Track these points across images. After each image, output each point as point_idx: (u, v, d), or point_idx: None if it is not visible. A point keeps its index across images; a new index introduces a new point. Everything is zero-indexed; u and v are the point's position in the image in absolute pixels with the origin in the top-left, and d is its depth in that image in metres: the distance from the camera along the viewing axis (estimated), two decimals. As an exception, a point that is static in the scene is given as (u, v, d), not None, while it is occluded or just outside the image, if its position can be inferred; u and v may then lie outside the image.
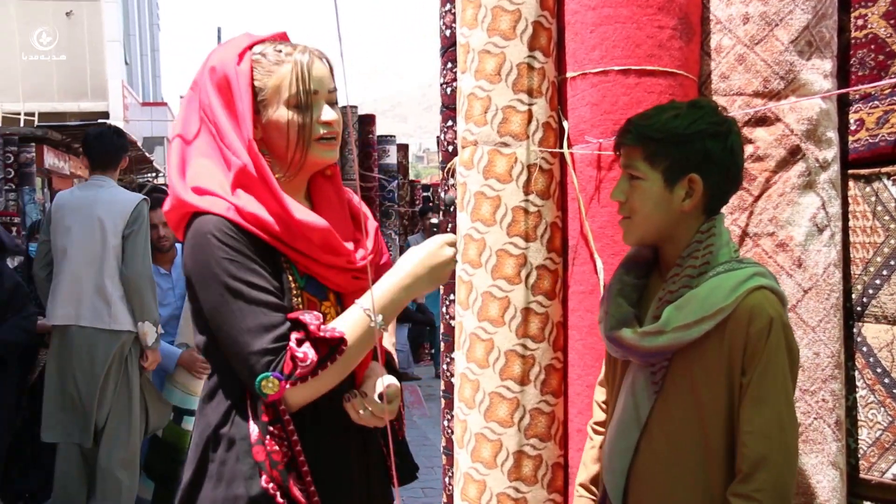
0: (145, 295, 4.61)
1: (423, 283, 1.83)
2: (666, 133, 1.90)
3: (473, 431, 2.65)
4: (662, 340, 1.89)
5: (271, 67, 1.84)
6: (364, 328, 1.76)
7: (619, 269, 2.09)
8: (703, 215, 1.96)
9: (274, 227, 1.77)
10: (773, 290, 1.90)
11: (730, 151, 1.94)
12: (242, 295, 1.71)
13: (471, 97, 2.69)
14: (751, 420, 1.83)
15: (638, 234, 1.99)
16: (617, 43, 2.58)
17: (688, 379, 1.91)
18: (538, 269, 2.63)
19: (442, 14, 3.13)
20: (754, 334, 1.83)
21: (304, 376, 1.70)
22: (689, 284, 1.91)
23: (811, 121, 2.64)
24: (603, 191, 2.59)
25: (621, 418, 2.02)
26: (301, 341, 1.71)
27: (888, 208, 2.62)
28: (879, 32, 2.70)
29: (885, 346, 2.63)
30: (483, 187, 2.65)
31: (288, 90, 1.83)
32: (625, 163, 1.98)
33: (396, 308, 1.82)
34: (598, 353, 2.59)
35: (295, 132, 1.83)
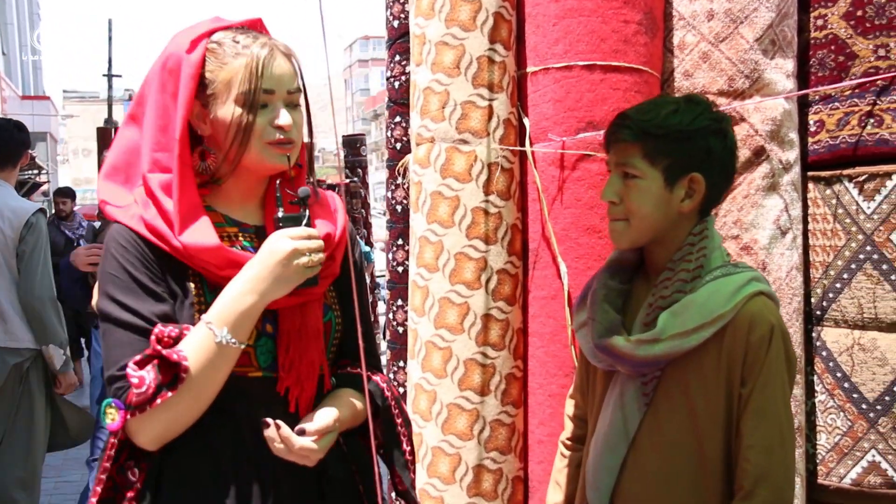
0: (46, 318, 4.18)
1: (270, 283, 1.59)
2: (668, 129, 1.78)
3: (430, 445, 2.51)
4: (659, 349, 1.78)
5: (226, 59, 1.66)
6: (210, 346, 1.56)
7: (602, 273, 1.97)
8: (696, 216, 1.86)
9: (170, 241, 1.62)
10: (770, 295, 1.82)
11: (730, 150, 1.84)
12: (112, 317, 1.60)
13: (427, 91, 2.55)
14: (752, 433, 1.74)
15: (633, 237, 1.86)
16: (581, 37, 2.47)
17: (682, 389, 1.80)
18: (499, 273, 2.51)
19: (389, 3, 2.98)
20: (755, 343, 1.74)
21: (140, 404, 1.52)
22: (683, 289, 1.81)
23: (775, 121, 2.58)
24: (566, 192, 2.48)
25: (608, 433, 1.89)
26: (144, 363, 1.54)
27: (849, 211, 2.58)
28: (839, 33, 2.66)
29: (845, 351, 2.60)
30: (440, 187, 2.51)
31: (238, 86, 1.64)
32: (618, 160, 1.84)
33: (246, 318, 1.59)
34: (561, 361, 2.49)
35: (238, 132, 1.65)
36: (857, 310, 2.57)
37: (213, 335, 1.56)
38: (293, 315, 1.69)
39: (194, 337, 1.57)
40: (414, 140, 2.62)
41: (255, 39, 1.68)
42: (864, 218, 2.54)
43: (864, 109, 2.59)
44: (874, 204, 2.53)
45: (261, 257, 1.60)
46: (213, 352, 1.56)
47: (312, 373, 1.71)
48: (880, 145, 2.57)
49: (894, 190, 2.49)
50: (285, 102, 1.69)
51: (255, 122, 1.65)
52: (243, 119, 1.64)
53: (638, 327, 1.85)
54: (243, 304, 1.58)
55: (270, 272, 1.59)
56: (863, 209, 2.55)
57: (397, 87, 2.97)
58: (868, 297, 2.54)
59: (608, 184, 1.85)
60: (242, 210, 1.74)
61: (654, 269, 1.90)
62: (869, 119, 2.59)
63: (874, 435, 2.52)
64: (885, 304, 2.51)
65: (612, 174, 1.86)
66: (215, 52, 1.67)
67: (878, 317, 2.52)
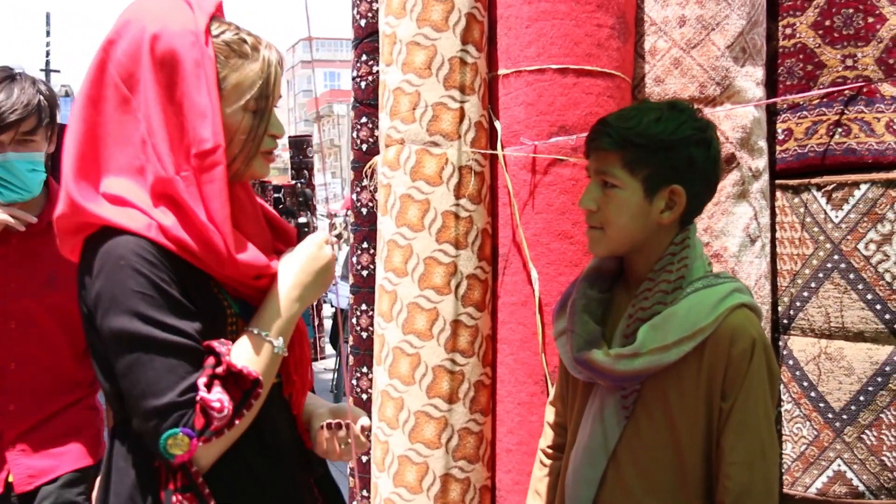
0: None
1: (311, 289, 1.59)
2: (649, 139, 1.72)
3: (396, 454, 2.45)
4: (639, 363, 1.73)
5: (235, 60, 1.54)
6: (270, 357, 1.52)
7: (581, 282, 1.92)
8: (677, 226, 1.81)
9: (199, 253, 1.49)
10: (752, 307, 1.78)
11: (713, 160, 1.79)
12: (153, 339, 1.42)
13: (397, 92, 2.49)
14: (733, 449, 1.70)
15: (609, 246, 1.81)
16: (554, 40, 2.44)
17: (662, 403, 1.77)
18: (469, 278, 2.46)
19: (356, 2, 2.91)
20: (736, 357, 1.71)
21: (220, 430, 1.43)
22: (664, 301, 1.76)
23: (745, 129, 2.58)
24: (538, 196, 2.45)
25: (587, 445, 1.85)
26: (210, 384, 1.44)
27: (817, 220, 2.59)
28: (808, 42, 2.67)
29: (812, 360, 2.60)
30: (410, 189, 2.46)
31: (250, 91, 1.54)
32: (598, 168, 1.79)
33: (292, 325, 1.58)
34: (530, 368, 2.45)
35: (248, 141, 1.56)
36: (824, 319, 2.57)
37: (271, 346, 1.52)
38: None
39: (252, 349, 1.50)
40: (383, 141, 2.56)
41: (258, 40, 1.59)
42: (831, 227, 2.55)
43: (833, 119, 2.60)
44: (842, 213, 2.53)
45: (302, 263, 1.59)
46: (272, 363, 1.53)
47: (306, 374, 1.71)
48: (848, 154, 2.58)
49: (862, 199, 2.49)
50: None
51: (266, 131, 1.58)
52: (256, 128, 1.56)
53: (618, 339, 1.80)
54: (291, 311, 1.57)
55: (314, 279, 1.59)
56: (831, 218, 2.55)
57: (364, 88, 2.91)
58: (835, 307, 2.54)
59: (587, 191, 1.80)
60: None
61: (634, 278, 1.86)
62: (837, 128, 2.60)
63: (840, 444, 2.53)
64: (851, 313, 2.52)
65: (591, 181, 1.81)
66: (221, 48, 1.54)
67: (845, 326, 2.53)
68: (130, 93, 1.50)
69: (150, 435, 1.42)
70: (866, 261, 2.48)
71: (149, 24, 1.50)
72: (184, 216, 1.47)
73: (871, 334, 2.49)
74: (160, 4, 1.53)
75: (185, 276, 1.48)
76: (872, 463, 2.47)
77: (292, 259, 1.59)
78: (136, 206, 1.47)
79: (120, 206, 1.48)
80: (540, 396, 2.44)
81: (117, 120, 1.51)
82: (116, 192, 1.49)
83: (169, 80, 1.48)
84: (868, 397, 2.48)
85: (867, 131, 2.56)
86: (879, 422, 2.46)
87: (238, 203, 1.61)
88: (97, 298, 1.45)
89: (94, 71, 1.53)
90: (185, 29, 1.49)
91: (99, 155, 1.52)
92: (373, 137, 2.87)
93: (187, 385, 1.42)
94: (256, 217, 1.68)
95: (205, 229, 1.46)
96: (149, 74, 1.48)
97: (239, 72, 1.54)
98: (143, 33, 1.49)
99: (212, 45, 1.51)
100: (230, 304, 1.56)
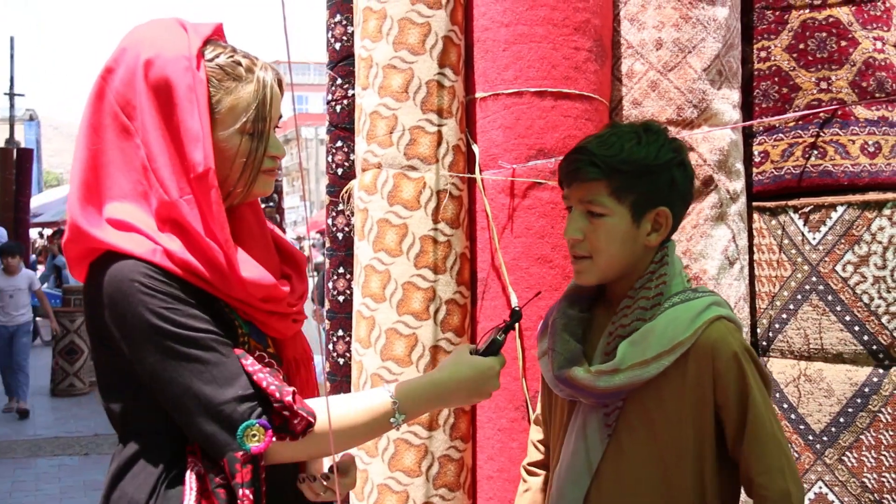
0: None
1: (459, 399, 1.66)
2: (634, 164, 1.72)
3: (376, 482, 2.41)
4: (619, 380, 1.72)
5: (229, 83, 1.53)
6: (383, 416, 1.53)
7: (561, 302, 1.91)
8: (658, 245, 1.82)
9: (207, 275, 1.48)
10: (730, 319, 1.78)
11: (690, 179, 1.81)
12: (196, 342, 1.42)
13: (374, 115, 2.47)
14: (760, 458, 1.70)
15: (600, 274, 1.80)
16: (532, 63, 2.43)
17: (644, 419, 1.76)
18: (447, 303, 2.43)
19: (330, 26, 2.89)
20: (722, 369, 1.71)
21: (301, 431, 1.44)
22: (643, 317, 1.76)
23: (722, 151, 2.58)
24: (516, 220, 2.43)
25: (571, 463, 1.83)
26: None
27: (795, 242, 2.59)
28: (783, 65, 2.68)
29: (792, 382, 2.60)
30: (388, 214, 2.43)
31: (246, 113, 1.53)
32: (582, 198, 1.77)
33: (420, 409, 1.62)
34: (511, 393, 2.42)
35: (247, 164, 1.54)
36: (803, 340, 2.57)
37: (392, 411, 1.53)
38: (295, 343, 1.68)
39: (375, 400, 1.53)
40: (360, 165, 2.53)
41: (252, 61, 1.57)
42: (809, 249, 2.55)
43: (808, 141, 2.62)
44: (819, 235, 2.54)
45: (473, 378, 1.63)
46: (380, 423, 1.54)
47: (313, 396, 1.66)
48: (824, 177, 2.60)
49: (839, 221, 2.50)
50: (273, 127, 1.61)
51: (265, 153, 1.55)
52: (254, 150, 1.54)
53: (599, 356, 1.79)
54: (430, 404, 1.65)
55: (469, 395, 1.64)
56: (808, 240, 2.56)
57: (339, 111, 2.88)
58: (814, 328, 2.54)
59: (571, 220, 1.79)
60: None
61: (614, 297, 1.85)
62: (813, 150, 2.61)
63: (821, 467, 2.52)
64: (830, 334, 2.52)
65: (574, 211, 1.80)
66: (215, 72, 1.53)
67: (825, 347, 2.53)
68: (129, 120, 1.50)
69: (225, 428, 1.41)
70: (844, 282, 2.49)
71: (143, 51, 1.50)
72: (188, 238, 1.47)
73: (850, 356, 2.49)
74: (155, 31, 1.54)
75: (193, 297, 1.47)
76: (853, 485, 2.47)
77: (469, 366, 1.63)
78: (141, 230, 1.47)
79: (124, 232, 1.47)
80: (520, 422, 2.41)
81: (119, 147, 1.50)
82: (121, 217, 1.48)
83: (164, 106, 1.48)
84: (848, 419, 2.48)
85: (842, 153, 2.57)
86: (860, 443, 2.46)
87: (246, 226, 1.64)
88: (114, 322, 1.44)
89: (93, 99, 1.53)
90: (179, 55, 1.49)
91: (102, 182, 1.51)
92: (348, 161, 2.85)
93: (245, 380, 1.43)
94: (265, 240, 1.68)
95: (209, 249, 1.46)
96: (145, 101, 1.48)
97: (233, 95, 1.53)
98: (137, 60, 1.49)
99: (204, 69, 1.50)
100: (240, 325, 1.55)
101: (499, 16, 2.46)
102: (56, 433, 8.00)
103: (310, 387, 1.68)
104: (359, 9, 2.56)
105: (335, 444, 1.49)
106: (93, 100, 1.53)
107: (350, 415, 1.50)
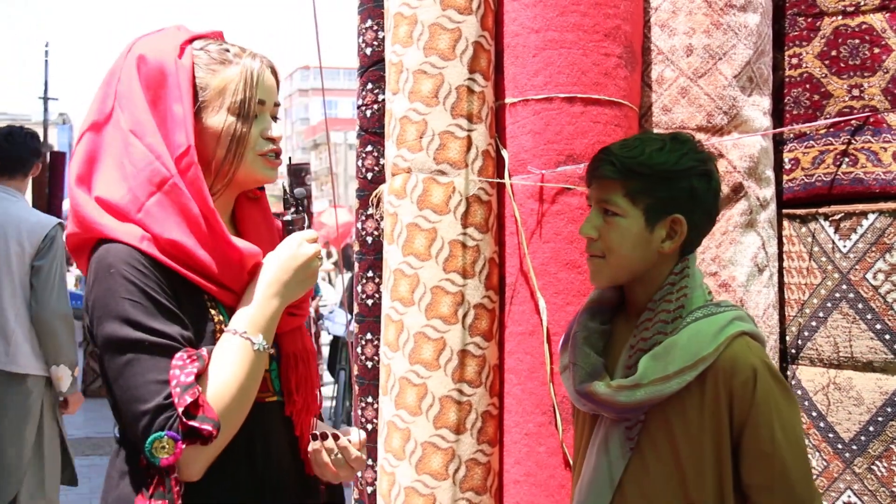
0: (60, 336, 3.97)
1: (291, 287, 1.59)
2: (652, 169, 1.73)
3: (403, 485, 2.42)
4: (640, 395, 1.72)
5: (215, 66, 1.61)
6: (250, 356, 1.51)
7: (582, 314, 1.91)
8: (677, 255, 1.81)
9: (196, 256, 1.52)
10: (753, 335, 1.77)
11: (714, 192, 1.80)
12: (142, 344, 1.45)
13: (404, 120, 2.48)
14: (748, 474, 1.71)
15: (610, 275, 1.81)
16: (562, 69, 2.44)
17: (666, 434, 1.75)
18: (476, 307, 2.44)
19: (361, 31, 2.91)
20: (738, 388, 1.69)
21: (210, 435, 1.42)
22: (664, 331, 1.76)
23: (752, 158, 2.58)
24: (545, 225, 2.44)
25: (593, 478, 1.83)
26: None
27: (825, 249, 2.58)
28: (815, 72, 2.67)
29: (821, 390, 2.59)
30: (417, 218, 2.45)
31: (233, 94, 1.60)
32: (599, 197, 1.79)
33: (273, 322, 1.58)
34: (538, 398, 2.43)
35: (232, 142, 1.60)
36: (832, 349, 2.56)
37: (250, 344, 1.51)
38: (294, 337, 1.68)
39: (231, 349, 1.50)
40: (389, 170, 2.55)
41: (242, 50, 1.65)
42: (839, 256, 2.54)
43: (840, 148, 2.60)
44: (850, 243, 2.53)
45: (281, 261, 1.59)
46: (253, 361, 1.52)
47: (312, 394, 1.70)
48: (855, 184, 2.58)
49: (870, 229, 2.49)
50: (272, 115, 1.68)
51: (249, 132, 1.61)
52: (238, 129, 1.60)
53: (620, 370, 1.79)
54: (270, 308, 1.56)
55: (294, 276, 1.59)
56: (839, 247, 2.54)
57: (369, 116, 2.90)
58: (844, 336, 2.53)
59: (588, 219, 1.80)
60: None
61: (634, 309, 1.85)
62: (844, 158, 2.60)
63: (850, 475, 2.50)
64: (860, 343, 2.50)
65: (592, 209, 1.81)
66: (203, 59, 1.61)
67: (854, 356, 2.51)
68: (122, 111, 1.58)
69: (139, 440, 1.42)
70: (875, 290, 2.47)
71: (139, 48, 1.61)
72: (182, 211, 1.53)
73: (881, 364, 2.47)
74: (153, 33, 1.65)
75: (176, 286, 1.52)
76: (883, 494, 2.45)
77: (272, 256, 1.61)
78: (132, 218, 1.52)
79: (117, 218, 1.53)
80: (548, 427, 2.41)
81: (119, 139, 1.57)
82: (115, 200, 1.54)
83: (154, 94, 1.57)
84: (878, 427, 2.46)
85: (874, 161, 2.56)
86: (890, 452, 2.44)
87: (252, 223, 1.72)
88: (92, 307, 1.50)
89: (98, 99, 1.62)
90: (168, 45, 1.59)
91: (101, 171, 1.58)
92: (378, 166, 2.86)
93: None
94: (270, 235, 1.74)
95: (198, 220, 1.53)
96: (138, 92, 1.57)
97: (219, 77, 1.61)
98: (133, 57, 1.60)
99: (190, 55, 1.60)
100: (222, 317, 1.57)
101: (529, 22, 2.48)
102: (87, 433, 8.09)
103: (309, 382, 1.69)
104: (390, 14, 2.58)
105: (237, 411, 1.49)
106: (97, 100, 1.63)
107: (229, 379, 1.48)
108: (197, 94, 1.59)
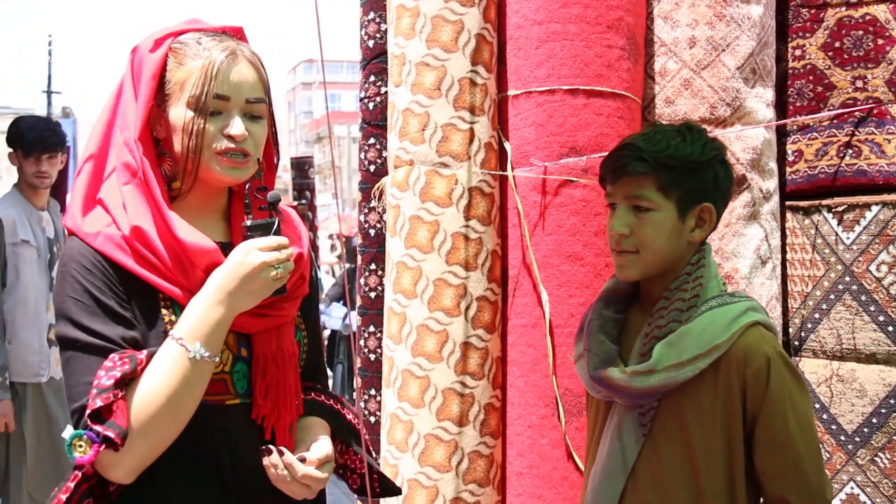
0: None
1: (240, 296, 1.51)
2: (680, 161, 1.75)
3: (406, 477, 2.43)
4: (654, 380, 1.74)
5: (184, 60, 1.58)
6: (184, 363, 1.46)
7: (597, 303, 1.93)
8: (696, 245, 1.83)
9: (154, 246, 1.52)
10: (766, 325, 1.79)
11: (731, 178, 1.85)
12: (78, 343, 1.46)
13: (406, 113, 2.48)
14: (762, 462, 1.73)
15: (643, 269, 1.82)
16: (564, 61, 2.43)
17: (679, 421, 1.77)
18: (478, 300, 2.44)
19: (364, 23, 2.91)
20: (752, 377, 1.71)
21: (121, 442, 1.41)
22: (679, 319, 1.77)
23: (755, 150, 2.57)
24: (548, 217, 2.43)
25: (606, 464, 1.85)
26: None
27: (828, 241, 2.58)
28: (818, 64, 2.67)
29: (824, 382, 2.58)
30: (419, 211, 2.45)
31: (191, 88, 1.56)
32: (629, 193, 1.79)
33: (216, 330, 1.50)
34: (541, 390, 2.43)
35: (188, 137, 1.56)
36: (835, 340, 2.56)
37: (185, 351, 1.46)
38: (268, 339, 1.61)
39: (165, 355, 1.46)
40: (392, 162, 2.55)
41: (219, 42, 1.60)
42: (843, 248, 2.54)
43: (843, 140, 2.60)
44: (853, 234, 2.52)
45: (228, 268, 1.51)
46: (187, 369, 1.46)
47: (289, 398, 1.63)
48: (858, 176, 2.58)
49: (874, 221, 2.49)
50: (242, 112, 1.59)
51: (205, 127, 1.55)
52: (193, 124, 1.55)
53: (634, 357, 1.81)
54: (213, 315, 1.49)
55: (239, 285, 1.50)
56: (842, 239, 2.54)
57: (371, 109, 2.90)
58: (847, 328, 2.53)
59: (618, 216, 1.80)
60: (204, 226, 1.61)
61: (649, 299, 1.86)
62: (847, 150, 2.59)
63: (852, 467, 2.50)
64: (863, 334, 2.50)
65: (620, 206, 1.81)
66: (177, 51, 1.60)
67: (857, 348, 2.51)
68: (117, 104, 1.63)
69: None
70: (878, 282, 2.47)
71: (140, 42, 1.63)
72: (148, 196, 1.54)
73: (884, 356, 2.47)
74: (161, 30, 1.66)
75: (129, 284, 1.52)
76: (886, 486, 2.45)
77: (221, 266, 1.54)
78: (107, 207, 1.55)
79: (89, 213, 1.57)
80: (550, 419, 2.42)
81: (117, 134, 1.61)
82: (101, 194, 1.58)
83: (135, 87, 1.59)
84: (881, 419, 2.46)
85: (878, 153, 2.55)
86: (893, 444, 2.44)
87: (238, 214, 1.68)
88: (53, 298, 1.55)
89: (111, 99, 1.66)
90: (151, 38, 1.61)
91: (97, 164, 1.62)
92: (380, 159, 2.86)
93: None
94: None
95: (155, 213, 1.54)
96: (128, 84, 1.60)
97: (183, 70, 1.58)
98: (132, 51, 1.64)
99: (166, 47, 1.60)
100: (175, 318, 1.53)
101: (532, 13, 2.47)
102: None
103: (285, 385, 1.63)
104: (392, 6, 2.57)
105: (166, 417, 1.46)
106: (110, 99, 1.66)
107: (158, 385, 1.45)
108: (164, 86, 1.58)
